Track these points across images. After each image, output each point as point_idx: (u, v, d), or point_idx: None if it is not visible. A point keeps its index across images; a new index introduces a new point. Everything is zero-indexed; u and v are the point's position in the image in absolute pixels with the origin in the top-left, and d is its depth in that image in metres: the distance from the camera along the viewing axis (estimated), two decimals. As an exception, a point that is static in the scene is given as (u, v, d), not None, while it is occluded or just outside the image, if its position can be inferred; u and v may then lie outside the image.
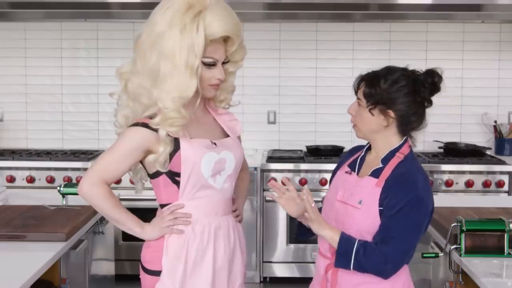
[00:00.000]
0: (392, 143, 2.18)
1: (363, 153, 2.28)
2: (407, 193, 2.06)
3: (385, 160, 2.16)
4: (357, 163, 2.26)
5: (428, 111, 2.19)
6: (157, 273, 2.25)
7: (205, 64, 2.20)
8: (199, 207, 2.25)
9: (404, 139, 2.19)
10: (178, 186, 2.23)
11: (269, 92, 5.27)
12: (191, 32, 2.13)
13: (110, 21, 5.10)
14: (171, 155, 2.19)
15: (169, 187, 2.25)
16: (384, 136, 2.18)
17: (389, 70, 2.16)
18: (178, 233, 2.23)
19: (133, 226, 2.26)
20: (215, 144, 2.26)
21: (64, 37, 5.22)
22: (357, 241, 2.10)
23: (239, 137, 2.43)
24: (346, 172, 2.26)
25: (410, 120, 2.15)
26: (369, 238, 2.13)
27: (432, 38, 5.17)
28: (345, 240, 2.11)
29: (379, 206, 2.10)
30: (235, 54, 2.29)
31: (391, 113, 2.13)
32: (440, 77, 2.14)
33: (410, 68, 2.19)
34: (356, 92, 2.22)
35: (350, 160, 2.32)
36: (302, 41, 5.22)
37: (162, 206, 2.29)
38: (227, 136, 2.35)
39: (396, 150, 2.17)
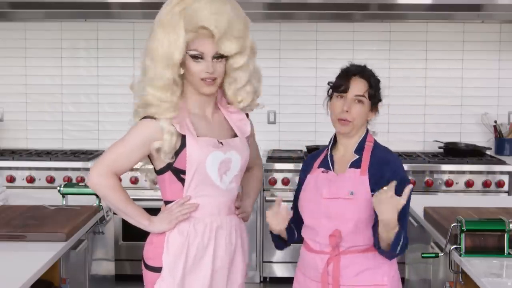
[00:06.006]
0: (361, 134, 2.33)
1: (329, 152, 2.35)
2: (395, 173, 2.21)
3: (359, 150, 2.30)
4: (329, 162, 2.33)
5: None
6: (158, 270, 2.26)
7: (192, 57, 2.23)
8: (202, 206, 2.26)
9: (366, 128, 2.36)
10: (183, 184, 2.24)
11: (269, 92, 5.25)
12: (174, 26, 2.17)
13: (110, 21, 5.10)
14: (178, 151, 2.21)
15: (174, 184, 2.26)
16: (362, 129, 2.33)
17: (370, 69, 2.35)
18: (185, 219, 2.25)
19: (141, 219, 2.27)
20: (221, 143, 2.27)
21: (64, 37, 5.22)
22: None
23: (248, 137, 2.42)
24: (323, 172, 2.31)
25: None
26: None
27: (432, 38, 5.16)
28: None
29: (372, 192, 2.18)
30: (223, 46, 2.24)
31: (379, 108, 2.36)
32: None
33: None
34: (347, 90, 2.29)
35: (317, 162, 2.36)
36: (302, 41, 5.22)
37: (167, 202, 2.30)
38: (236, 135, 2.36)
39: (365, 139, 2.32)
